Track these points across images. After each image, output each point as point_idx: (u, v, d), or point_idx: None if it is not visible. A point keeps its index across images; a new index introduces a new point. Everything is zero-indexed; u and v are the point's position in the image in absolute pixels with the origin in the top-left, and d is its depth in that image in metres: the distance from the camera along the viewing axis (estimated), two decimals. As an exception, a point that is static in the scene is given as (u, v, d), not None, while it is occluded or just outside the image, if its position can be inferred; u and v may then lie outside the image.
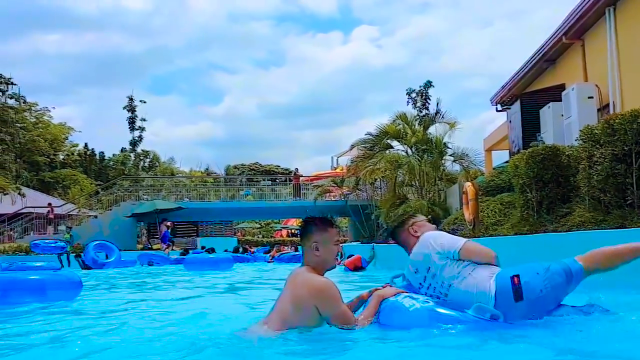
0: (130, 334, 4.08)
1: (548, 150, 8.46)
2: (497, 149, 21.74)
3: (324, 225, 3.65)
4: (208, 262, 15.69)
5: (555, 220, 7.89)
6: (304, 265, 3.62)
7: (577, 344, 2.99)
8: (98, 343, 3.61)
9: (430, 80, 42.99)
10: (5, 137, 34.23)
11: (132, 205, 30.05)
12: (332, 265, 3.65)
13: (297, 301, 3.41)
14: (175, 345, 3.43)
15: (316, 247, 3.56)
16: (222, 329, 3.97)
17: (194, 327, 4.31)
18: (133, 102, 55.42)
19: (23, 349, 3.59)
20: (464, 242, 3.72)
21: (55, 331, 4.42)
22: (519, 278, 3.40)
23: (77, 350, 3.42)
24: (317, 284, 3.43)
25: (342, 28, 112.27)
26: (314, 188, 33.71)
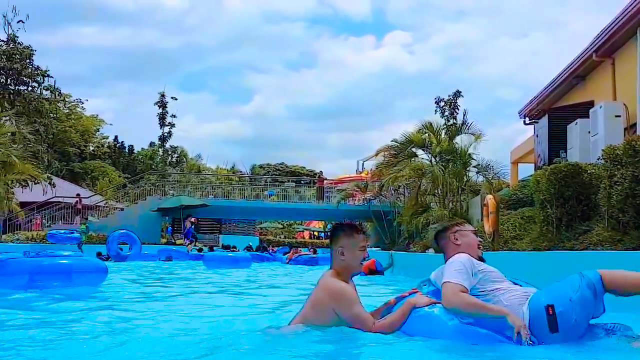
0: (152, 329, 4.24)
1: (570, 167, 8.50)
2: (524, 161, 21.68)
3: (350, 230, 3.79)
4: (227, 260, 15.86)
5: (573, 237, 7.95)
6: (331, 268, 3.80)
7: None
8: (119, 339, 3.70)
9: (460, 90, 42.90)
10: (39, 128, 35.02)
11: (158, 199, 30.51)
12: (357, 270, 3.79)
13: (317, 303, 3.66)
14: (202, 341, 3.61)
15: (342, 251, 3.72)
16: (246, 326, 4.17)
17: (216, 323, 4.49)
18: (164, 98, 56.09)
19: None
20: (443, 281, 3.59)
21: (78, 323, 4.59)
22: (554, 308, 3.29)
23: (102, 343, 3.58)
24: (334, 287, 3.61)
25: (375, 32, 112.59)
26: (337, 191, 33.85)
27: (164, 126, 56.26)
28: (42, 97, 40.65)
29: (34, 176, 20.93)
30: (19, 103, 37.30)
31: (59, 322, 4.54)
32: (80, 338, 3.79)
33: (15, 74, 38.00)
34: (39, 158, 30.79)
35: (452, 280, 3.51)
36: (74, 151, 50.03)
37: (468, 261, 3.65)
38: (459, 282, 3.50)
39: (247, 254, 18.39)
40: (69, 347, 3.45)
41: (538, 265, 7.69)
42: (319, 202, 33.06)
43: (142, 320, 4.83)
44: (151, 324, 4.57)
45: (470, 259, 3.69)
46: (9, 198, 20.04)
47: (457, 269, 3.58)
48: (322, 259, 20.57)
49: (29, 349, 3.28)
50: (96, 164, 51.40)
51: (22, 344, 3.41)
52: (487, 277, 3.64)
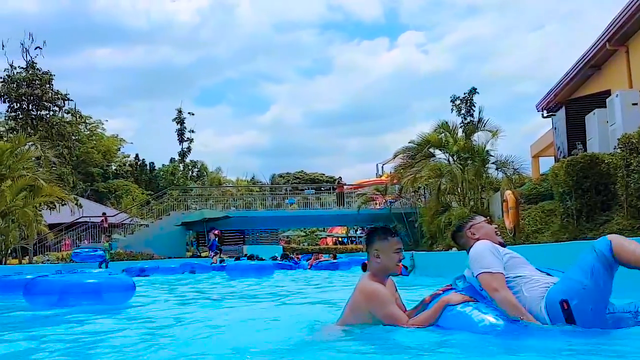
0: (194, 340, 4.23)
1: (587, 158, 8.53)
2: (544, 155, 21.59)
3: (384, 234, 3.92)
4: (250, 269, 15.88)
5: (594, 228, 7.97)
6: (368, 271, 3.94)
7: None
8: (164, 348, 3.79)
9: (475, 87, 42.77)
10: (63, 151, 35.63)
11: (181, 214, 30.85)
12: (393, 271, 3.88)
13: (354, 306, 3.84)
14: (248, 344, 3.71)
15: (377, 254, 3.86)
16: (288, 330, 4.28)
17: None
18: (181, 115, 56.77)
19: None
20: (485, 270, 3.62)
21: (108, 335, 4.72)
22: (568, 303, 3.33)
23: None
24: (368, 289, 3.78)
25: (388, 34, 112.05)
26: (357, 196, 33.87)
27: (183, 142, 57.01)
28: (64, 120, 41.44)
29: (61, 198, 21.34)
30: (41, 127, 37.99)
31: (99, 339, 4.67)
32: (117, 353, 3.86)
33: (37, 100, 38.81)
34: (65, 180, 31.35)
35: (491, 269, 3.58)
36: (97, 171, 50.85)
37: (492, 246, 3.72)
38: (498, 271, 3.58)
39: (270, 262, 18.49)
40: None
41: (559, 256, 7.71)
42: (340, 208, 33.10)
43: (190, 329, 4.92)
44: (196, 332, 4.60)
45: (492, 244, 3.76)
46: (37, 220, 20.46)
47: (488, 256, 3.64)
48: (342, 264, 20.65)
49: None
50: (119, 183, 52.18)
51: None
52: (511, 262, 3.69)
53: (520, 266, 3.69)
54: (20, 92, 38.19)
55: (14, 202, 17.57)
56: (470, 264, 3.76)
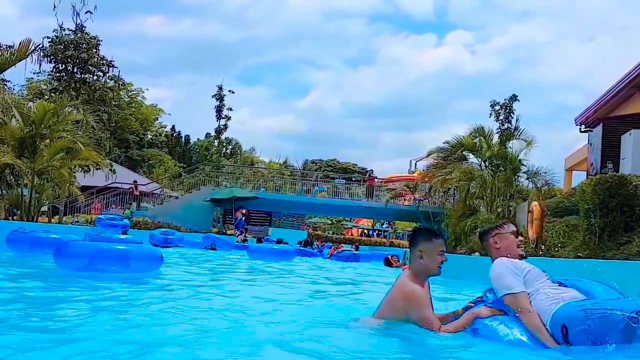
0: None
1: (615, 178, 8.58)
2: (578, 169, 21.47)
3: (429, 235, 4.01)
4: (271, 252, 15.96)
5: (614, 247, 8.03)
6: (410, 269, 4.07)
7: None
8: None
9: (516, 94, 42.26)
10: (102, 116, 36.31)
11: (211, 190, 31.18)
12: (435, 272, 3.96)
13: (391, 302, 3.94)
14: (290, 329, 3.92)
15: (420, 255, 3.95)
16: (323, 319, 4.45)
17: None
18: (222, 92, 57.19)
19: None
20: (508, 292, 3.71)
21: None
22: (567, 330, 3.40)
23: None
24: (408, 290, 3.87)
25: (437, 31, 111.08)
26: (387, 190, 33.93)
27: (220, 118, 57.49)
28: (106, 86, 42.14)
29: (97, 162, 21.82)
30: (84, 91, 38.78)
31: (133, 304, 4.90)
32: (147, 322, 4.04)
33: (82, 63, 39.52)
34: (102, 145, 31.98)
35: (512, 290, 3.67)
36: (132, 139, 51.46)
37: (510, 263, 3.79)
38: (520, 290, 3.66)
39: (291, 248, 18.58)
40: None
41: (579, 273, 7.80)
42: (368, 200, 33.19)
43: (222, 310, 4.98)
44: (230, 315, 4.69)
45: (510, 261, 3.82)
46: (71, 182, 20.96)
47: (508, 276, 3.72)
48: (363, 256, 20.57)
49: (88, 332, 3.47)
50: (153, 152, 52.76)
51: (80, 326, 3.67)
52: (527, 277, 3.75)
53: (535, 280, 3.75)
54: (67, 54, 38.81)
55: (50, 162, 17.99)
56: (492, 284, 3.85)
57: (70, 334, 3.39)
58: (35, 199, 18.29)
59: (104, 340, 3.24)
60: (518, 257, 3.93)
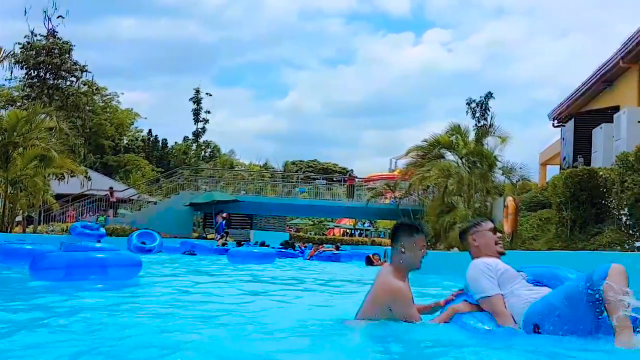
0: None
1: (586, 172, 8.76)
2: (552, 163, 21.75)
3: (410, 230, 4.02)
4: (251, 256, 15.73)
5: (586, 239, 8.21)
6: (391, 264, 4.09)
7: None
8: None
9: (491, 92, 42.83)
10: (76, 122, 35.93)
11: (190, 194, 30.93)
12: (416, 267, 3.99)
13: (375, 300, 3.92)
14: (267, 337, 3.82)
15: (403, 250, 3.96)
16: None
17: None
18: (199, 95, 56.99)
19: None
20: (482, 296, 3.81)
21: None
22: (539, 327, 3.47)
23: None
24: (393, 287, 3.85)
25: (414, 29, 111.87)
26: (367, 190, 34.09)
27: (198, 122, 57.30)
28: (80, 91, 41.64)
29: (72, 170, 21.58)
30: (57, 97, 38.32)
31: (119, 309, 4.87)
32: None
33: (55, 69, 39.07)
34: (76, 152, 31.60)
35: (486, 293, 3.79)
36: (108, 144, 50.71)
37: (485, 266, 3.88)
38: (495, 293, 3.77)
39: (272, 250, 18.44)
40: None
41: (551, 264, 7.96)
42: (349, 200, 33.32)
43: (206, 316, 4.97)
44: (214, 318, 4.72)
45: (485, 263, 3.91)
46: (45, 190, 20.71)
47: (482, 280, 3.83)
48: (344, 256, 20.63)
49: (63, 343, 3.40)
50: (130, 157, 51.98)
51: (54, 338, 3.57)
52: (502, 279, 3.84)
53: (510, 281, 3.84)
54: (39, 60, 38.41)
55: (24, 171, 17.77)
56: (468, 286, 3.96)
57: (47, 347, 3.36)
58: (9, 209, 18.07)
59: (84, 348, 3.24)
60: (497, 254, 4.03)
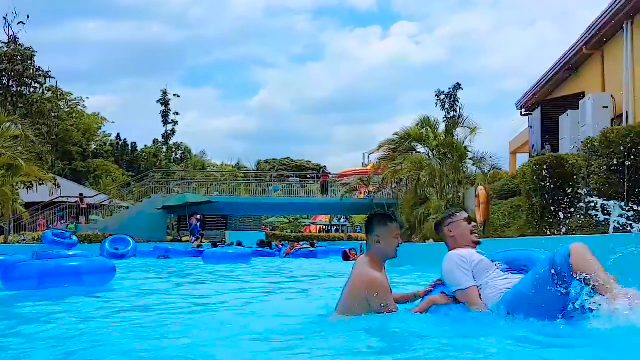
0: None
1: (553, 158, 8.93)
2: (521, 152, 22.05)
3: (384, 220, 4.06)
4: (226, 256, 15.76)
5: (556, 224, 8.36)
6: (367, 254, 4.08)
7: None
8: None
9: (460, 83, 43.20)
10: (42, 129, 35.35)
11: (163, 197, 30.69)
12: (392, 256, 4.03)
13: (353, 292, 3.91)
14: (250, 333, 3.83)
15: (378, 240, 3.98)
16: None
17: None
18: (167, 96, 56.48)
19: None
20: (457, 289, 3.89)
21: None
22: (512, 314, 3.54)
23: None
24: (369, 278, 3.86)
25: (381, 23, 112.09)
26: (341, 186, 34.20)
27: (167, 124, 56.79)
28: (44, 97, 40.93)
29: (40, 178, 21.26)
30: (21, 104, 37.68)
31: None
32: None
33: (17, 76, 38.36)
34: (43, 159, 31.09)
35: (461, 286, 3.86)
36: (76, 150, 49.90)
37: (459, 259, 3.95)
38: (469, 285, 3.85)
39: (247, 250, 18.38)
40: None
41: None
42: (324, 197, 33.38)
43: (196, 312, 5.14)
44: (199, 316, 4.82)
45: (459, 255, 3.98)
46: (14, 199, 20.39)
47: (456, 272, 3.90)
48: (320, 252, 20.67)
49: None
50: (99, 163, 51.32)
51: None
52: (477, 270, 3.91)
53: (484, 272, 3.91)
54: (1, 68, 37.70)
55: (-9, 181, 17.49)
56: (444, 279, 4.04)
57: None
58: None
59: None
60: (473, 244, 4.11)
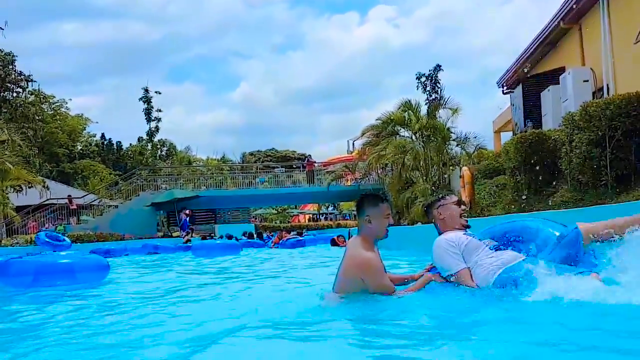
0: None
1: (535, 135, 9.00)
2: (505, 130, 22.13)
3: (375, 200, 4.14)
4: (216, 248, 15.75)
5: (541, 200, 8.45)
6: (359, 235, 4.14)
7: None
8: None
9: (440, 64, 43.18)
10: (28, 132, 35.20)
11: (151, 194, 30.71)
12: (383, 236, 4.10)
13: (347, 273, 3.99)
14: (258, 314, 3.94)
15: (369, 220, 4.05)
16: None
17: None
18: (148, 94, 56.18)
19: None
20: (450, 273, 4.03)
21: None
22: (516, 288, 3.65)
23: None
24: (363, 258, 3.93)
25: (358, 8, 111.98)
26: (327, 174, 34.23)
27: (150, 121, 56.50)
28: (27, 101, 40.83)
29: (29, 181, 21.21)
30: (5, 109, 37.47)
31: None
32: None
33: (0, 81, 38.21)
34: (31, 162, 31.00)
35: (452, 270, 4.00)
36: (62, 152, 49.95)
37: (447, 243, 4.07)
38: (459, 269, 3.98)
39: (235, 242, 18.42)
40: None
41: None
42: (310, 185, 33.41)
43: (202, 302, 5.18)
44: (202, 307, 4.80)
45: (447, 240, 4.10)
46: (5, 204, 20.35)
47: (447, 257, 4.04)
48: (308, 241, 20.66)
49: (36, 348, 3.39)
50: (86, 163, 51.31)
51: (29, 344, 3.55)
52: (466, 251, 4.03)
53: (474, 252, 4.02)
54: (-18, 74, 37.58)
55: (-19, 186, 17.45)
56: (435, 264, 4.17)
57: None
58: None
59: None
60: (462, 226, 4.22)
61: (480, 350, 2.61)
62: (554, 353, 2.46)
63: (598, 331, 2.80)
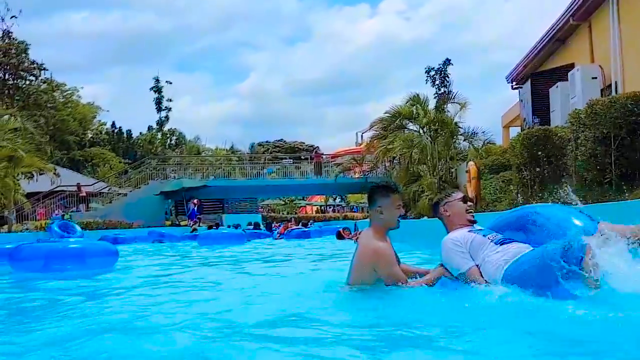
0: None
1: (541, 131, 9.07)
2: (513, 125, 22.16)
3: (386, 191, 4.21)
4: (221, 237, 15.94)
5: (546, 197, 8.52)
6: (370, 226, 4.22)
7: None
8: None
9: (449, 58, 42.86)
10: (39, 120, 35.53)
11: (160, 183, 30.96)
12: (395, 226, 4.16)
13: (360, 264, 4.07)
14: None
15: (380, 210, 4.12)
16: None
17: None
18: (159, 83, 56.40)
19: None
20: (459, 272, 4.00)
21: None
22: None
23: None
24: (374, 248, 4.01)
25: (369, 1, 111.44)
26: (335, 166, 34.27)
27: (160, 110, 56.79)
28: (40, 90, 41.14)
29: (41, 168, 21.45)
30: (18, 97, 37.83)
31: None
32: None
33: (13, 69, 38.54)
34: (42, 150, 31.25)
35: (461, 269, 3.97)
36: (73, 139, 50.30)
37: (453, 243, 4.06)
38: (468, 268, 3.96)
39: (241, 232, 18.52)
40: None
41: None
42: (318, 177, 33.51)
43: (216, 292, 5.21)
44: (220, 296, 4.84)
45: (452, 240, 4.09)
46: (16, 190, 20.61)
47: (455, 257, 4.02)
48: (313, 232, 20.75)
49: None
50: (96, 151, 51.61)
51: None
52: (472, 249, 4.02)
53: (480, 249, 4.01)
54: (-3, 62, 37.90)
55: (-5, 173, 17.67)
56: (445, 264, 4.18)
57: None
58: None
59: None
60: (468, 223, 4.21)
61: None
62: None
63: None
